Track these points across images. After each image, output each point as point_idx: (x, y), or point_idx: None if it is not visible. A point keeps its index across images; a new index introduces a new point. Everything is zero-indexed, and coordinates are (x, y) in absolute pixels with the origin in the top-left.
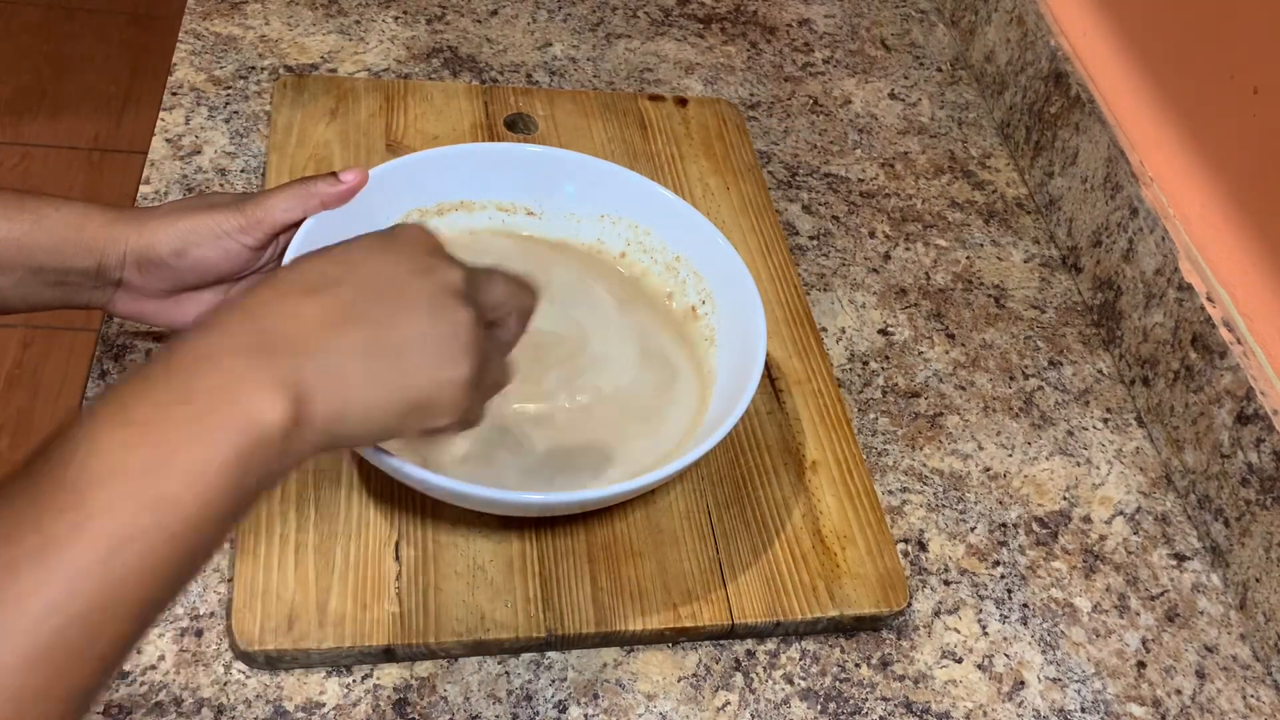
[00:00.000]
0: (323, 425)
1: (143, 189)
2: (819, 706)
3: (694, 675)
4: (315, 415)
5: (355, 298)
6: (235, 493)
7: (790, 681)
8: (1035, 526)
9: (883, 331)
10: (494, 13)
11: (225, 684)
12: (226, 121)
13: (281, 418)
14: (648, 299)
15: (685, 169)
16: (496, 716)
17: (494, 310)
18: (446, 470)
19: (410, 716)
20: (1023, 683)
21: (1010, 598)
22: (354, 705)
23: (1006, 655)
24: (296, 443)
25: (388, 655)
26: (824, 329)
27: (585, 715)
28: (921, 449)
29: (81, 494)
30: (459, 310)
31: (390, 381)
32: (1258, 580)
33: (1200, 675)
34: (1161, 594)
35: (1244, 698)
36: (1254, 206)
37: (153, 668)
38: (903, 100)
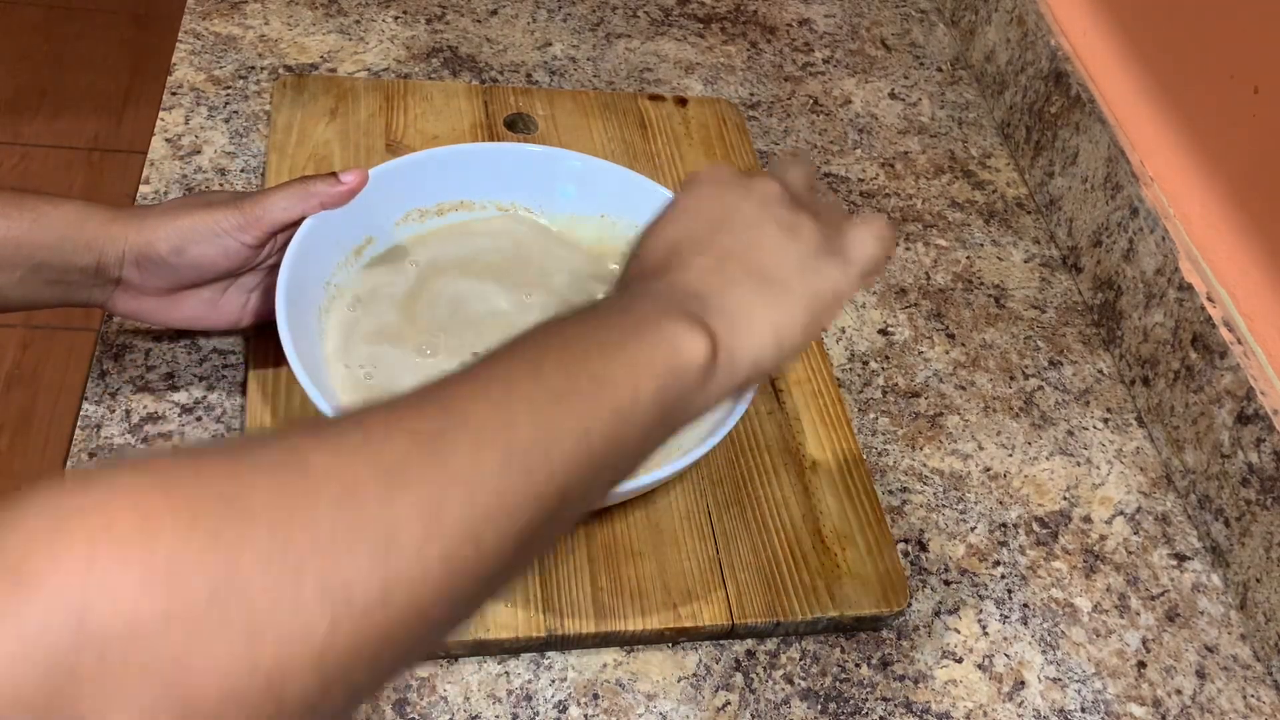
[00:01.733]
0: (741, 355)
1: (143, 189)
2: (819, 707)
3: (694, 675)
4: (732, 348)
5: (708, 242)
6: (660, 403)
7: (790, 681)
8: (1035, 526)
9: (883, 331)
10: (494, 12)
11: None
12: (226, 121)
13: (702, 351)
14: None
15: (685, 169)
16: (496, 716)
17: (804, 190)
18: None
19: (410, 716)
20: (1023, 683)
21: (1010, 598)
22: None
23: (1006, 655)
24: (718, 376)
25: None
26: (824, 329)
27: (585, 715)
28: (921, 449)
29: (537, 355)
30: (794, 215)
31: (782, 300)
32: (1258, 580)
33: (1200, 675)
34: (1162, 594)
35: (1244, 698)
36: (1254, 206)
37: (614, 482)
38: (903, 100)
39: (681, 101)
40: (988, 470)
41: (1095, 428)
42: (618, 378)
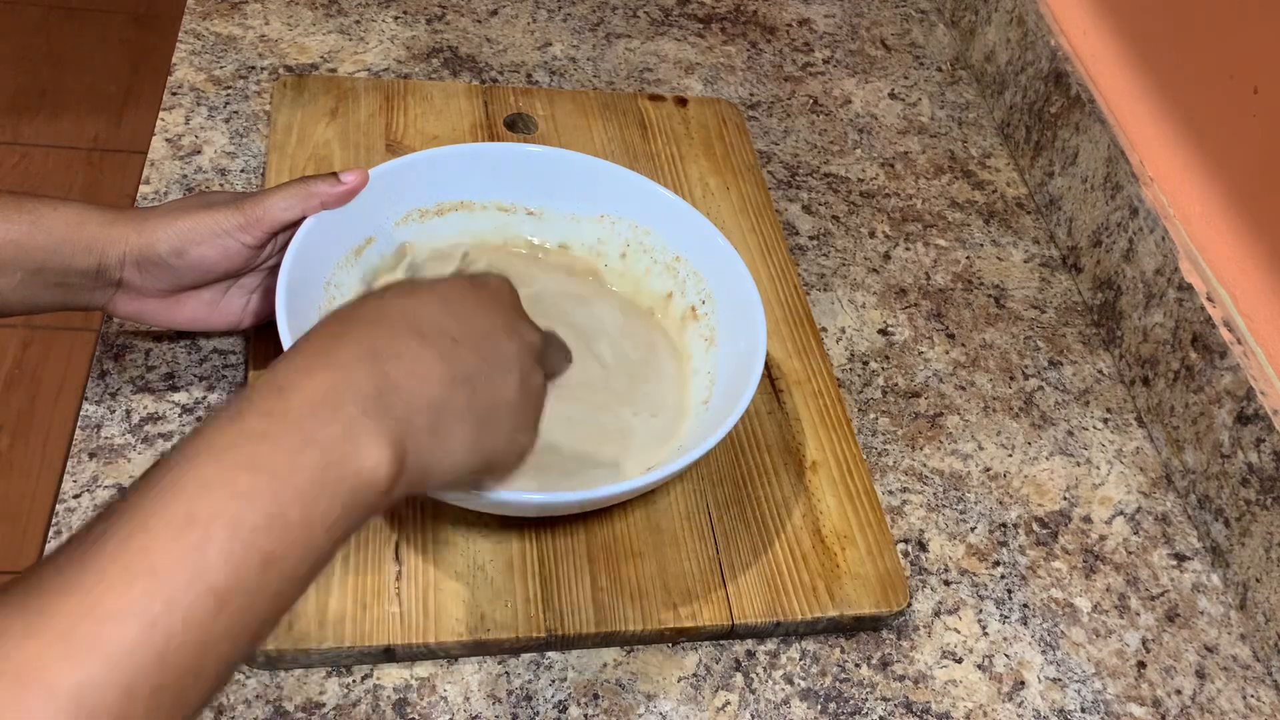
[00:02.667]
0: (413, 478)
1: (143, 189)
2: (819, 707)
3: (694, 675)
4: (410, 469)
5: (462, 354)
6: (333, 546)
7: (790, 681)
8: (1035, 526)
9: (883, 331)
10: (494, 13)
11: None
12: (226, 121)
13: (387, 472)
14: (645, 298)
15: (685, 169)
16: (496, 716)
17: (548, 369)
18: None
19: (410, 716)
20: (1023, 683)
21: (1010, 598)
22: (354, 705)
23: (1006, 655)
24: (393, 493)
25: (388, 655)
26: (824, 329)
27: (585, 715)
28: (921, 449)
29: (196, 545)
30: (539, 377)
31: (476, 440)
32: (1258, 580)
33: (1200, 675)
34: (1161, 594)
35: (1244, 698)
36: (1254, 206)
37: (263, 641)
38: (903, 100)
39: (681, 101)
40: (988, 470)
41: (1095, 428)
42: (289, 554)
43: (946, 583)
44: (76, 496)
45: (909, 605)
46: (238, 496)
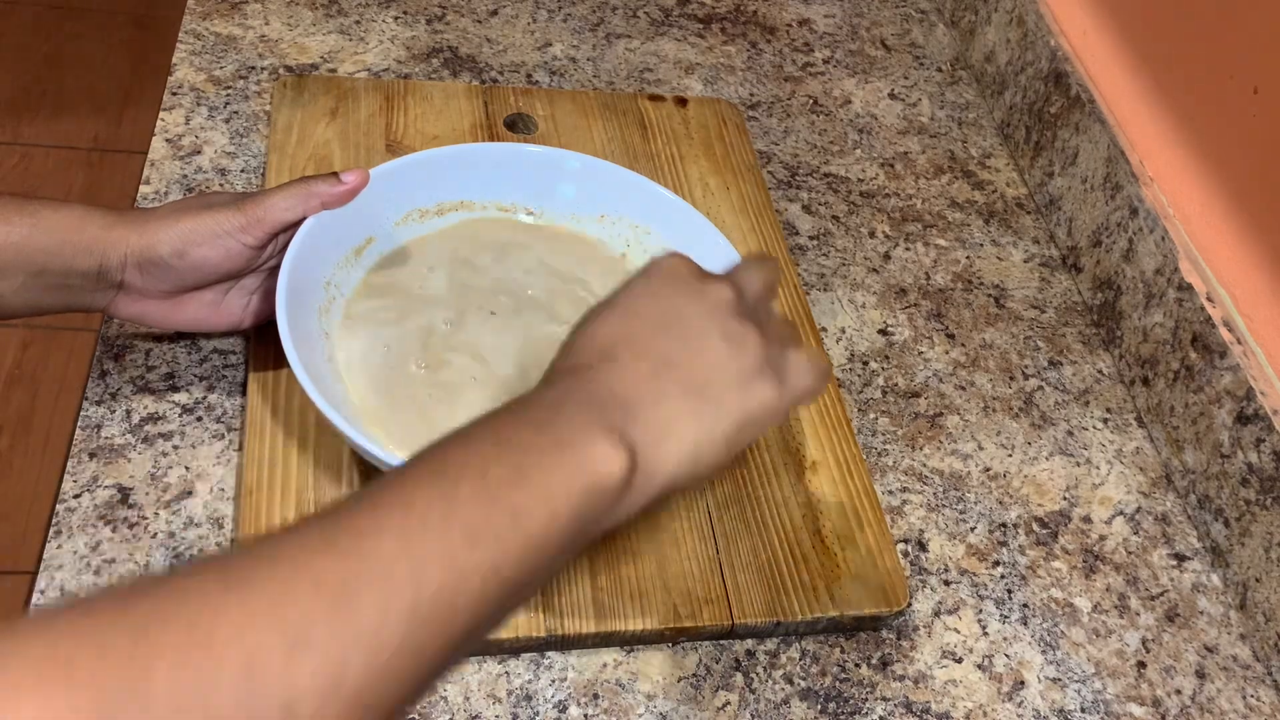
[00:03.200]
0: (659, 472)
1: (143, 189)
2: (819, 706)
3: (694, 675)
4: (649, 465)
5: (651, 343)
6: (575, 527)
7: (790, 681)
8: (1035, 526)
9: (883, 331)
10: (494, 13)
11: None
12: (226, 121)
13: (622, 467)
14: None
15: (685, 169)
16: (496, 716)
17: (759, 301)
18: None
19: (410, 716)
20: (1023, 683)
21: (1010, 598)
22: None
23: (1006, 655)
24: (632, 491)
25: None
26: (824, 329)
27: (585, 715)
28: (921, 449)
29: (446, 487)
30: (741, 327)
31: (712, 417)
32: (1258, 580)
33: (1200, 675)
34: (1161, 594)
35: (1244, 698)
36: (1254, 206)
37: (520, 607)
38: (903, 100)
39: (681, 101)
40: (987, 470)
41: (1095, 428)
42: (534, 509)
43: (946, 583)
44: (76, 496)
45: (909, 605)
46: (482, 455)
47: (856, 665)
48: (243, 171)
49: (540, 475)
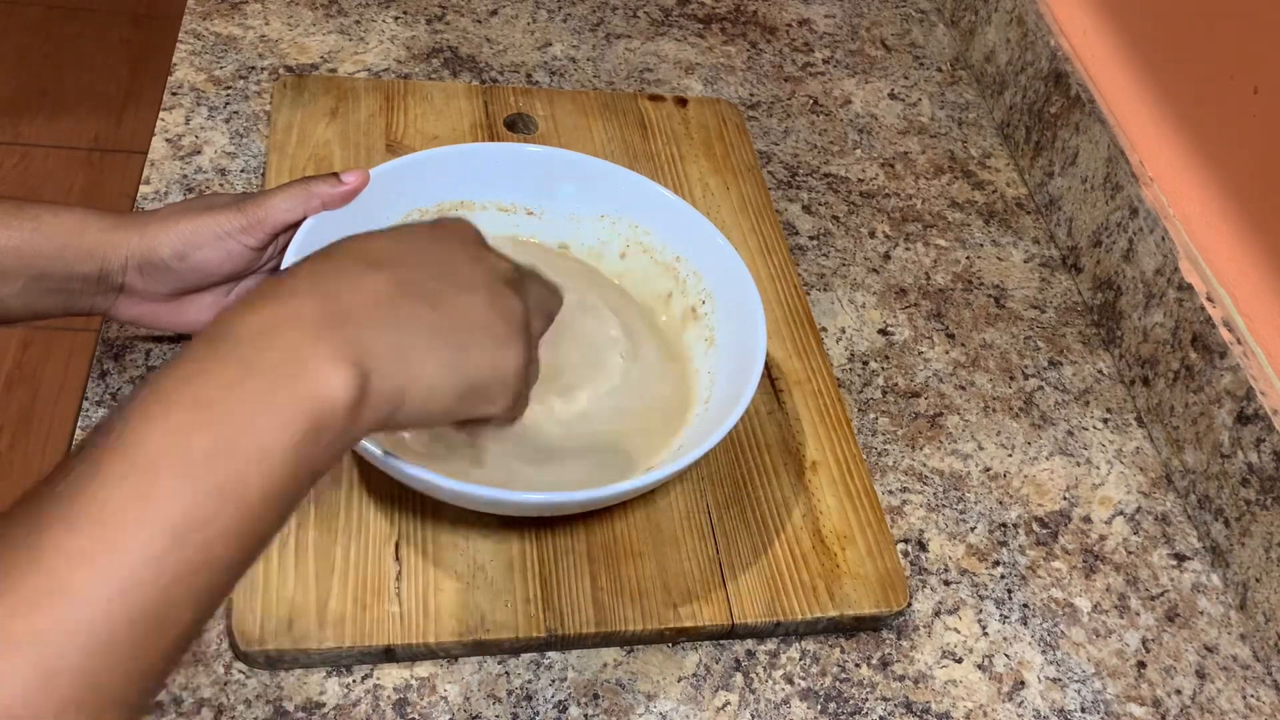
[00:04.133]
0: (385, 403)
1: (143, 189)
2: (819, 706)
3: (694, 675)
4: (378, 392)
5: (417, 275)
6: (300, 473)
7: (790, 681)
8: (1035, 526)
9: (883, 331)
10: (494, 13)
11: (225, 684)
12: (226, 121)
13: (347, 393)
14: (645, 298)
15: (685, 169)
16: (496, 716)
17: (531, 308)
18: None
19: (410, 716)
20: (1023, 683)
21: (1010, 598)
22: (354, 705)
23: (1006, 655)
24: (362, 417)
25: (388, 655)
26: (824, 329)
27: (585, 715)
28: (921, 449)
29: (143, 482)
30: (513, 298)
31: (451, 361)
32: (1258, 580)
33: (1200, 675)
34: (1161, 594)
35: (1244, 698)
36: (1254, 206)
37: (252, 562)
38: (903, 100)
39: (681, 102)
40: (987, 470)
41: (1095, 428)
42: (248, 477)
43: (946, 583)
44: None
45: (909, 605)
46: (179, 432)
47: (856, 665)
48: (243, 172)
49: (251, 437)
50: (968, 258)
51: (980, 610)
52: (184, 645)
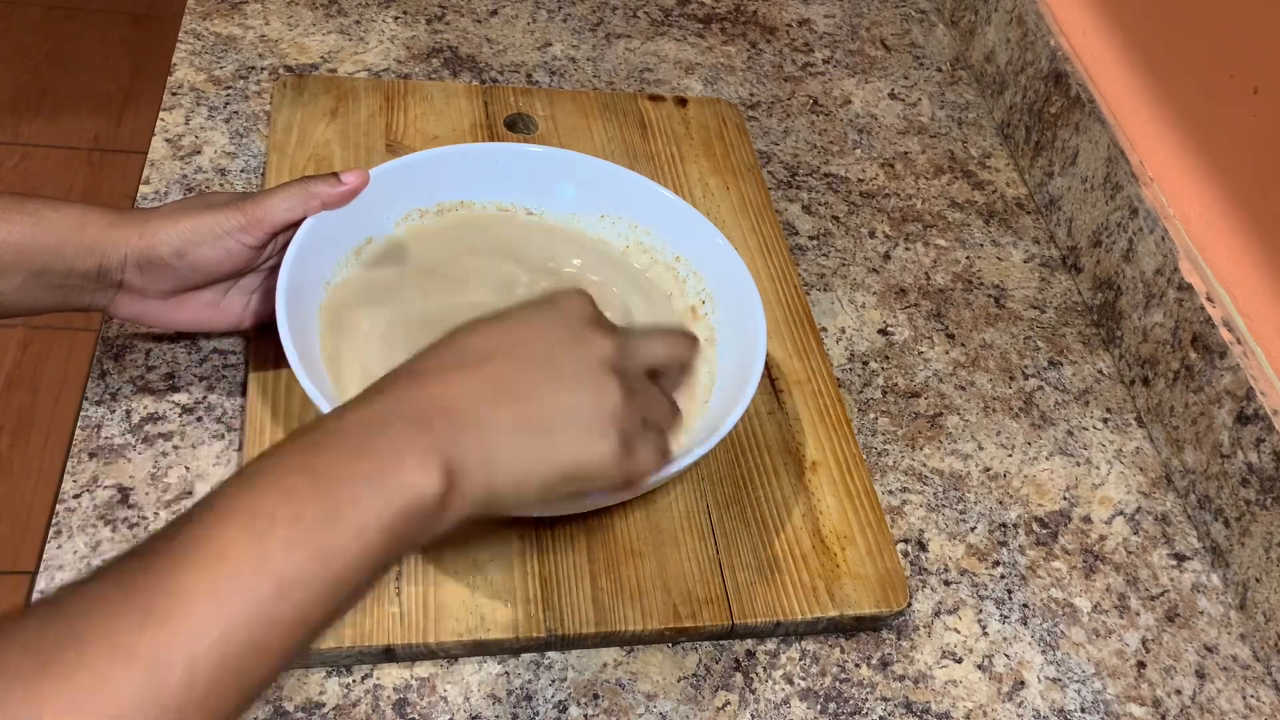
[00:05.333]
0: (474, 495)
1: (143, 189)
2: (819, 706)
3: (694, 675)
4: (467, 487)
5: (511, 372)
6: (390, 550)
7: (790, 681)
8: (1035, 526)
9: (883, 331)
10: (494, 13)
11: None
12: (226, 121)
13: (437, 489)
14: (646, 298)
15: (685, 169)
16: (496, 716)
17: (654, 367)
18: None
19: (410, 716)
20: (1023, 683)
21: (1010, 598)
22: (354, 705)
23: (1006, 655)
24: (449, 510)
25: (388, 655)
26: (824, 329)
27: (585, 715)
28: (921, 449)
29: (259, 535)
30: (608, 382)
31: (537, 455)
32: (1258, 580)
33: (1200, 675)
34: (1161, 594)
35: (1244, 698)
36: (1254, 206)
37: (328, 627)
38: (903, 100)
39: (681, 102)
40: (987, 470)
41: (1095, 428)
42: (348, 547)
43: (946, 583)
44: (76, 496)
45: (909, 605)
46: (296, 495)
47: (856, 665)
48: (243, 171)
49: (355, 511)
50: (968, 258)
51: (980, 610)
52: (273, 677)
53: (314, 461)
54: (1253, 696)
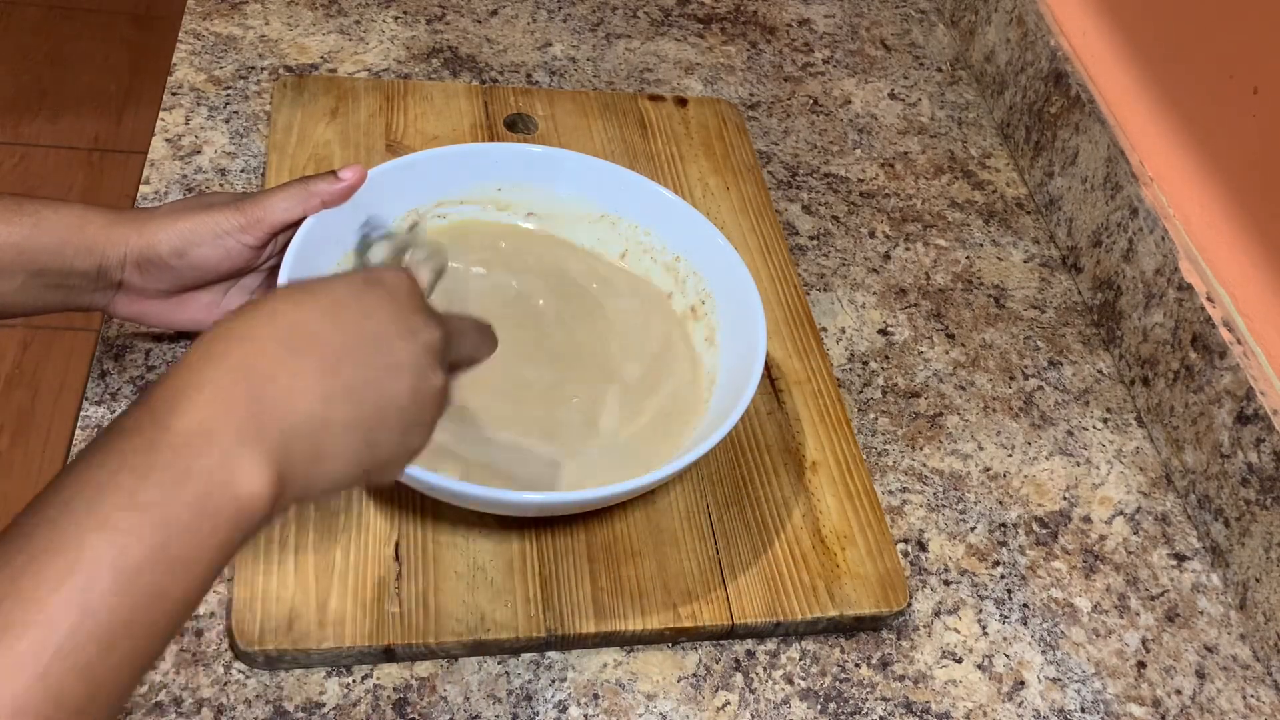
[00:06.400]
0: (294, 494)
1: (143, 189)
2: (819, 706)
3: (694, 675)
4: (292, 487)
5: (347, 369)
6: (217, 568)
7: (790, 681)
8: (1035, 526)
9: (883, 331)
10: (494, 13)
11: (225, 684)
12: (226, 121)
13: (267, 493)
14: (645, 296)
15: (685, 169)
16: (496, 716)
17: (459, 359)
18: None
19: (410, 716)
20: (1023, 683)
21: (1010, 598)
22: (354, 705)
23: (1006, 655)
24: (274, 513)
25: (388, 655)
26: (824, 329)
27: (585, 715)
28: (921, 449)
29: (85, 586)
30: (433, 376)
31: (360, 455)
32: (1258, 580)
33: (1200, 675)
34: (1161, 594)
35: (1244, 698)
36: (1254, 206)
37: (152, 668)
38: (903, 100)
39: (681, 102)
40: (987, 470)
41: (1095, 428)
42: (180, 578)
43: (946, 583)
44: None
45: (909, 605)
46: (120, 536)
47: (856, 665)
48: (243, 171)
49: (185, 540)
50: (968, 258)
51: (980, 610)
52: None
53: (137, 490)
54: (1253, 696)
